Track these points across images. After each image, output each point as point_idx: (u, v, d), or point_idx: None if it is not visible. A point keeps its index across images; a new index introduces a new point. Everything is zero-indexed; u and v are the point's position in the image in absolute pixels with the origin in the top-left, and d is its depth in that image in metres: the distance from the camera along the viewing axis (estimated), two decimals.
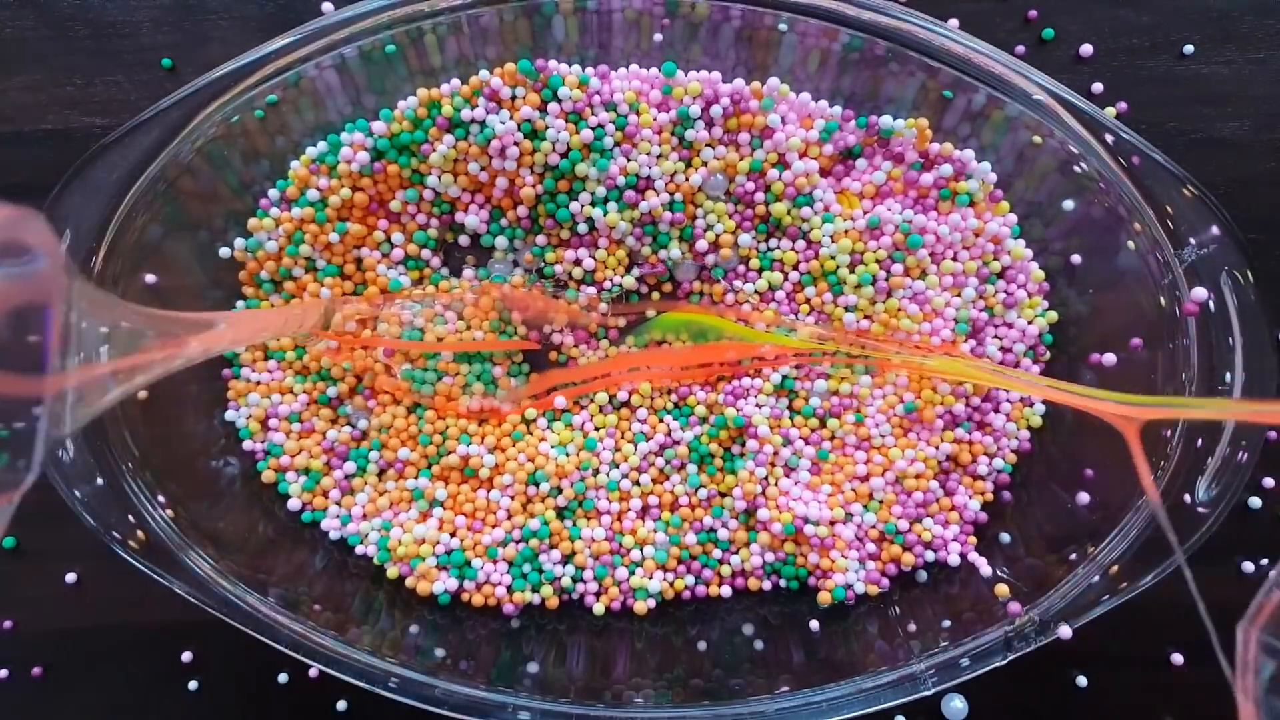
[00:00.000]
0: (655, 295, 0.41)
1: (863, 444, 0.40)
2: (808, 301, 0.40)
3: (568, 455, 0.39)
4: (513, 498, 0.39)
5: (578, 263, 0.39)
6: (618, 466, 0.40)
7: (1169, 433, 0.35)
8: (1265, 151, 0.40)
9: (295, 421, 0.39)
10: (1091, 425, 0.38)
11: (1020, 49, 0.40)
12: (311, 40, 0.35)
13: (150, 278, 0.36)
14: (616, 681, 0.37)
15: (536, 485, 0.39)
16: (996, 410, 0.39)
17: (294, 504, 0.39)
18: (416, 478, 0.40)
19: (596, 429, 0.40)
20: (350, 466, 0.39)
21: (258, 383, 0.39)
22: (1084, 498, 0.37)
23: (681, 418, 0.40)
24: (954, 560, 0.39)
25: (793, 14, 0.35)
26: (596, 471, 0.39)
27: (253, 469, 0.40)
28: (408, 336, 0.39)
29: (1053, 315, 0.39)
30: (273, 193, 0.38)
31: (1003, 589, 0.37)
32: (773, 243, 0.39)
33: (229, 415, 0.39)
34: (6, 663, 0.40)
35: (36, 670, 0.40)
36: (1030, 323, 0.39)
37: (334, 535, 0.39)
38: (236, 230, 0.39)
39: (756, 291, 0.40)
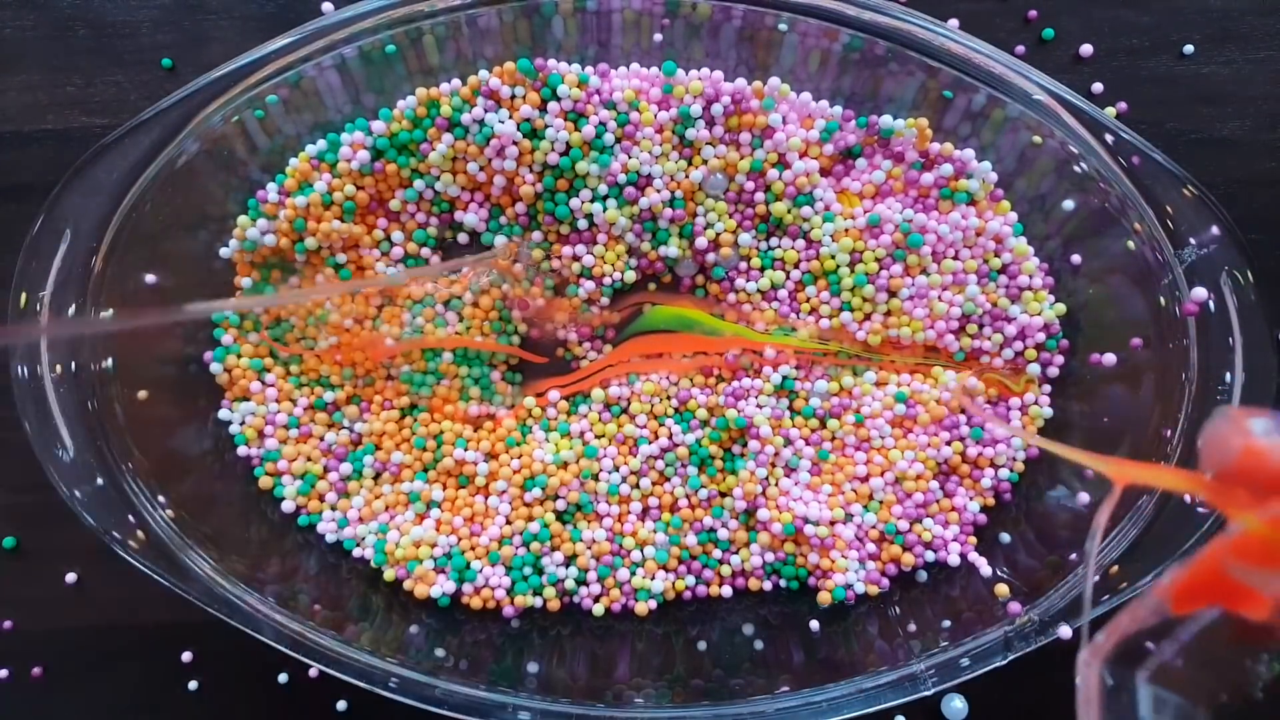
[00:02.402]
0: (652, 286, 0.41)
1: (863, 445, 0.40)
2: (808, 301, 0.40)
3: (566, 465, 0.39)
4: (510, 503, 0.39)
5: (577, 259, 0.39)
6: (618, 470, 0.40)
7: (1169, 432, 0.35)
8: (1265, 151, 0.40)
9: (293, 427, 0.39)
10: (1094, 427, 0.38)
11: (1020, 49, 0.40)
12: (311, 40, 0.35)
13: (150, 277, 0.37)
14: (617, 682, 0.37)
15: (534, 490, 0.39)
16: (1006, 422, 0.39)
17: (288, 506, 0.39)
18: (412, 480, 0.40)
19: (597, 437, 0.40)
20: (346, 468, 0.39)
21: (253, 390, 0.39)
22: (1084, 498, 0.37)
23: (682, 422, 0.40)
24: (954, 560, 0.39)
25: (793, 14, 0.35)
26: (596, 477, 0.39)
27: (250, 472, 0.40)
28: (408, 336, 0.39)
29: (1061, 308, 0.38)
30: (271, 186, 0.38)
31: (1003, 589, 0.37)
32: (773, 241, 0.39)
33: (222, 415, 0.39)
34: (6, 663, 0.40)
35: (36, 670, 0.40)
36: (1035, 316, 0.38)
37: (330, 538, 0.39)
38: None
39: (759, 290, 0.40)
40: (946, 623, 0.37)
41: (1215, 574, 0.15)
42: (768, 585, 0.40)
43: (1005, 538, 0.39)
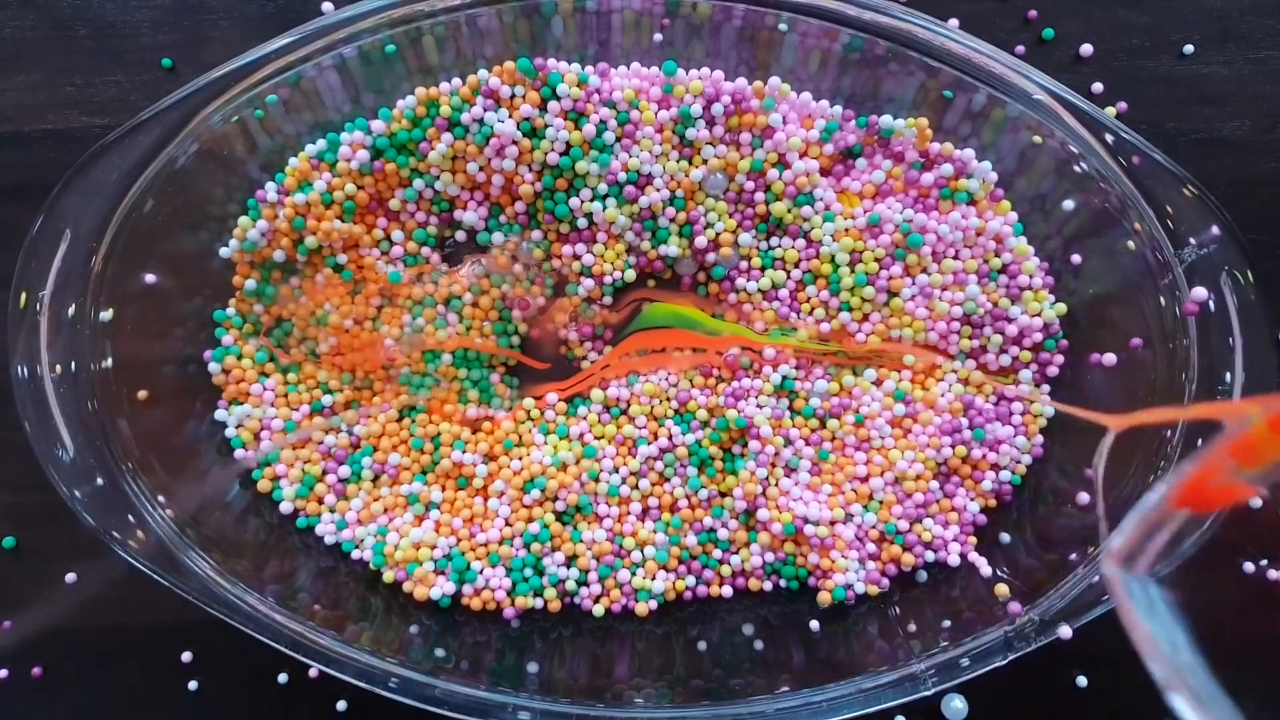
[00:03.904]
0: (651, 283, 0.41)
1: (863, 445, 0.40)
2: (808, 301, 0.40)
3: (565, 467, 0.39)
4: (510, 505, 0.39)
5: (576, 257, 0.39)
6: (617, 471, 0.40)
7: (1170, 433, 0.35)
8: (1265, 151, 0.40)
9: (291, 430, 0.39)
10: (1091, 425, 0.38)
11: (1020, 49, 0.40)
12: (311, 40, 0.35)
13: (150, 278, 0.37)
14: (617, 682, 0.37)
15: (533, 492, 0.39)
16: (1006, 422, 0.39)
17: (286, 507, 0.39)
18: (411, 482, 0.40)
19: (596, 438, 0.40)
20: (345, 471, 0.39)
21: (251, 394, 0.39)
22: (1084, 497, 0.37)
23: (682, 423, 0.40)
24: (954, 560, 0.39)
25: (793, 14, 0.35)
26: (596, 478, 0.39)
27: (248, 474, 0.40)
28: (408, 337, 0.39)
29: (1061, 307, 0.38)
30: (270, 186, 0.38)
31: (1003, 589, 0.37)
32: (773, 241, 0.39)
33: (219, 415, 0.39)
34: (6, 663, 0.40)
35: (36, 670, 0.40)
36: (1035, 316, 0.38)
37: (329, 540, 0.39)
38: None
39: (759, 290, 0.40)
40: (946, 623, 0.37)
41: (1216, 474, 0.17)
42: (768, 585, 0.40)
43: (1005, 538, 0.39)
